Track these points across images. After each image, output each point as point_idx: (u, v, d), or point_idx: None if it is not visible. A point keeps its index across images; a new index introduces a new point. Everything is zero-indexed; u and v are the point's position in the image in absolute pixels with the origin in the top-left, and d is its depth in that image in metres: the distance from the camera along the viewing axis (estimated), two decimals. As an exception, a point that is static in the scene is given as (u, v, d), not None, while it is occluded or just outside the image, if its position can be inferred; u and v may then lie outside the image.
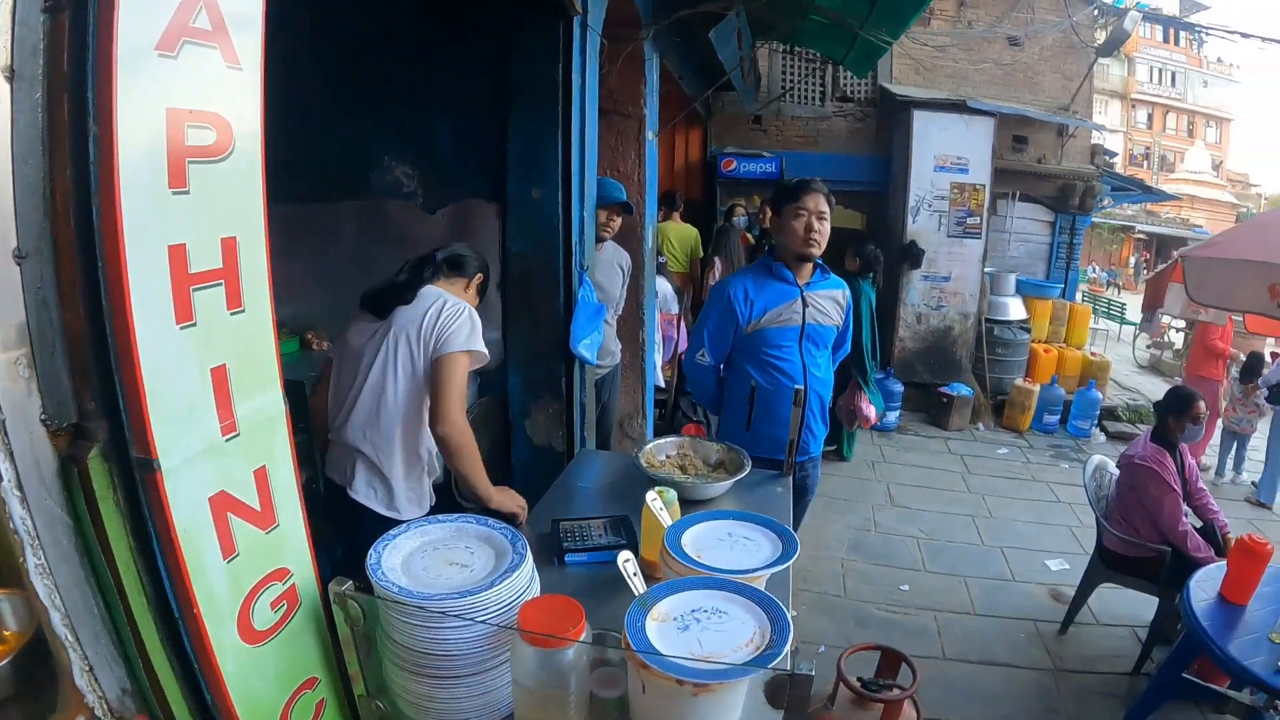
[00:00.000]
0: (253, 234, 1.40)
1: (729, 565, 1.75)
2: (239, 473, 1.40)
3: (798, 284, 3.25)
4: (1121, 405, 8.91)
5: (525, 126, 3.27)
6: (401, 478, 2.64)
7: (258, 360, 1.43)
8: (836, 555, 5.35)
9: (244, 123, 1.35)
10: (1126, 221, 30.20)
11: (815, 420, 3.43)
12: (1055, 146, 9.89)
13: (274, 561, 1.48)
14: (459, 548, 1.65)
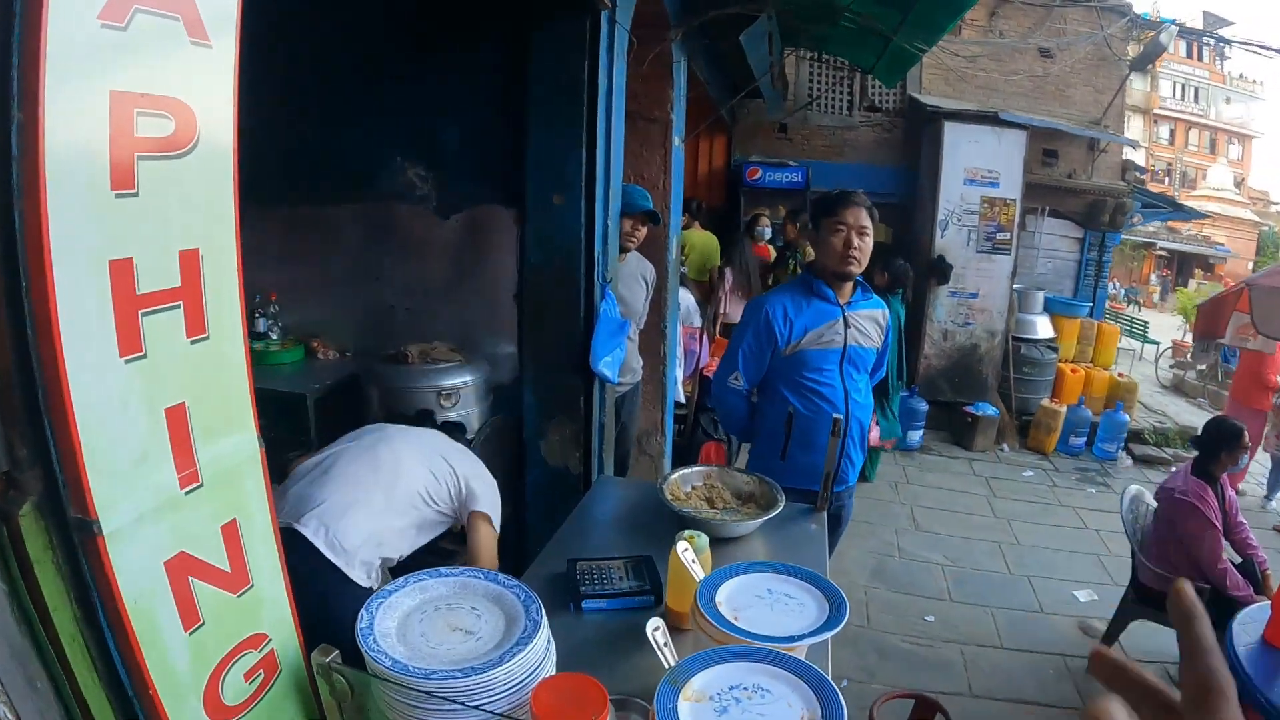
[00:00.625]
0: (220, 246, 1.18)
1: (771, 630, 1.54)
2: (202, 530, 1.18)
3: (839, 303, 3.05)
4: (1148, 428, 8.69)
5: (546, 128, 3.06)
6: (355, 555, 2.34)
7: (226, 396, 1.22)
8: (859, 582, 5.13)
9: (212, 111, 1.14)
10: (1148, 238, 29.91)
11: (855, 448, 3.22)
12: (1086, 161, 9.66)
13: (247, 627, 1.28)
14: (464, 609, 1.43)
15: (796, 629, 1.56)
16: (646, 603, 1.97)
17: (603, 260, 3.16)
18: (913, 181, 9.32)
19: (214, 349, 1.17)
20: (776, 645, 1.45)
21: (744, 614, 1.60)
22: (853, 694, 4.01)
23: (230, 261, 1.19)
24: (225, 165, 1.18)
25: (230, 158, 1.18)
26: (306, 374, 3.65)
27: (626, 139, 4.30)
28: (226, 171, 1.18)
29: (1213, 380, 12.40)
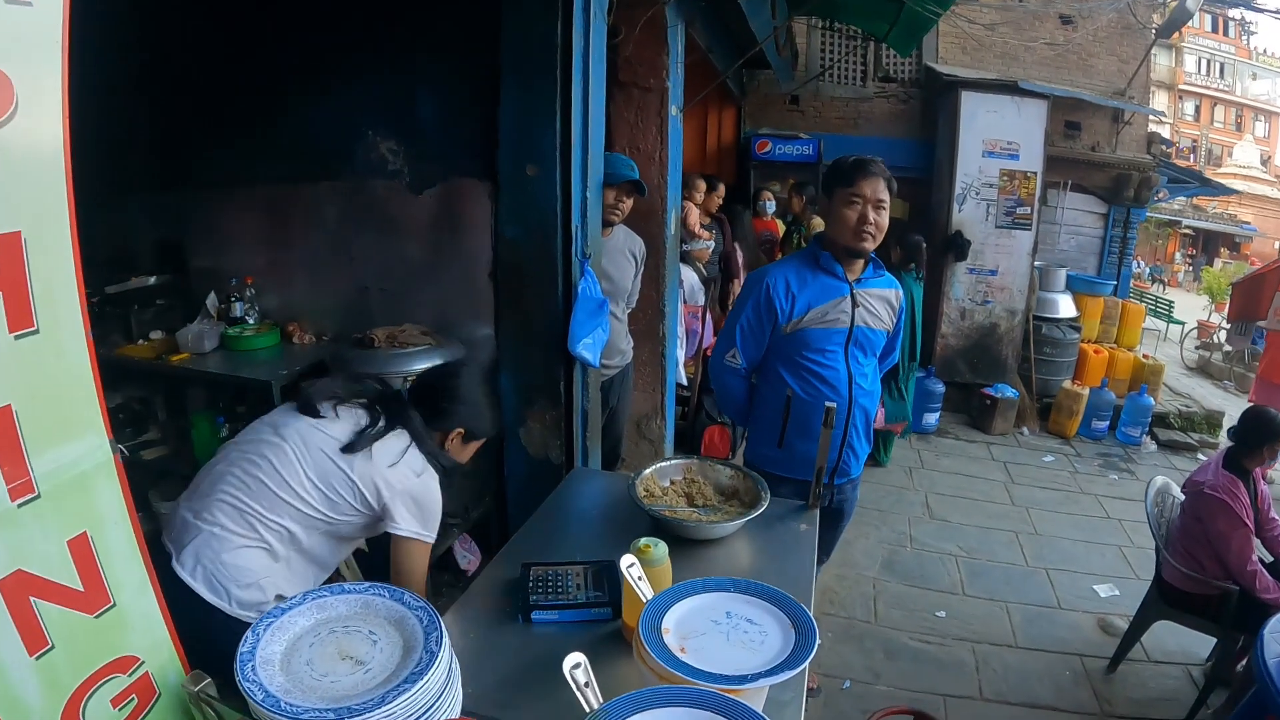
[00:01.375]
0: (49, 227, 1.03)
1: (721, 666, 1.32)
2: (43, 545, 1.05)
3: (847, 279, 2.81)
4: (1173, 412, 8.38)
5: (519, 95, 2.84)
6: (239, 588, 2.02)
7: (64, 397, 1.08)
8: (867, 574, 4.93)
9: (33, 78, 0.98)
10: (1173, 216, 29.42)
11: (859, 438, 3.00)
12: (1110, 134, 9.34)
13: (110, 650, 1.15)
14: (361, 633, 1.25)
15: (751, 665, 1.34)
16: (603, 615, 1.79)
17: (581, 235, 2.95)
18: (929, 154, 9.05)
19: (45, 344, 1.04)
20: (725, 687, 1.23)
21: (694, 643, 1.39)
22: (854, 696, 3.84)
23: (63, 246, 1.06)
24: (53, 138, 1.03)
25: (59, 128, 1.03)
26: (279, 360, 3.52)
27: (620, 109, 4.10)
28: (54, 145, 1.03)
29: (1239, 363, 12.10)
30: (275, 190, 3.71)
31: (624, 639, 1.71)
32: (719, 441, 5.83)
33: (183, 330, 3.52)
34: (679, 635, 1.40)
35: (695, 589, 1.53)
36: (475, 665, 1.61)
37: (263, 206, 3.77)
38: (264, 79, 3.52)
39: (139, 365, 3.52)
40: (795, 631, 1.44)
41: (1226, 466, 3.64)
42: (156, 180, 3.91)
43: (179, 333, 3.53)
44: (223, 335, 3.56)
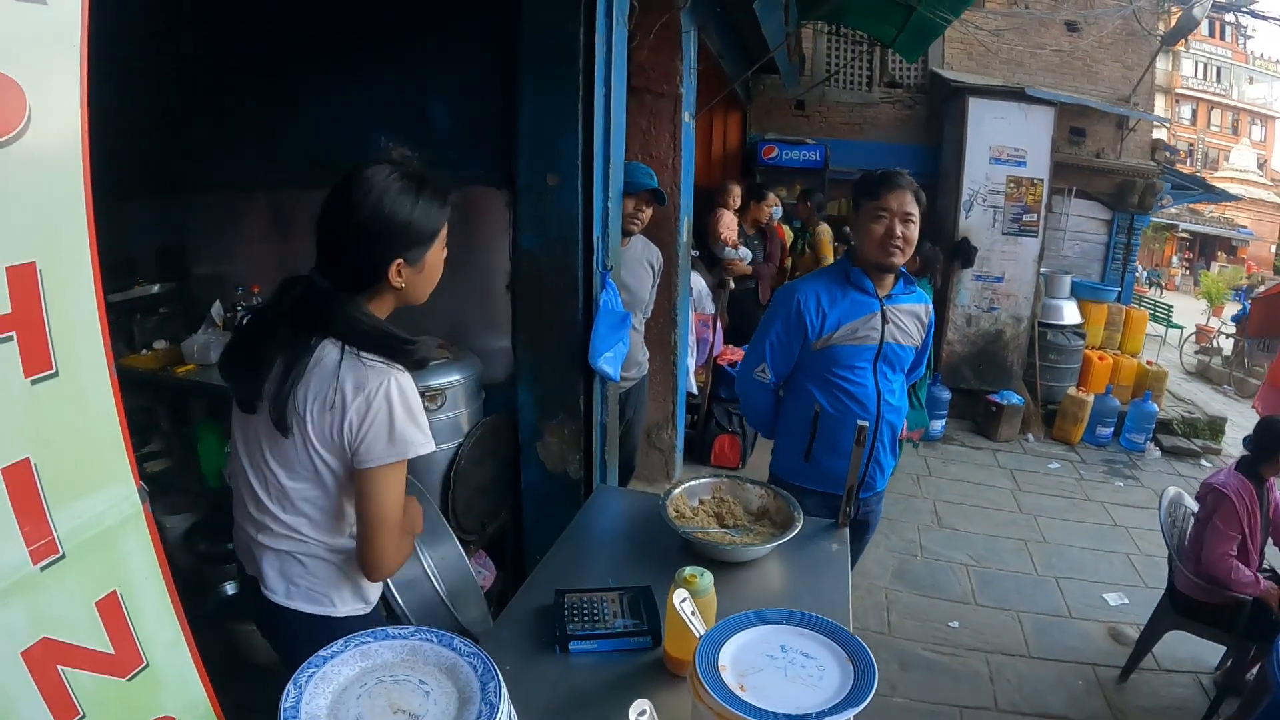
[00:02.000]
0: (69, 257, 0.94)
1: (784, 704, 1.27)
2: (69, 609, 0.97)
3: (878, 295, 2.75)
4: (1176, 418, 8.35)
5: (539, 101, 2.78)
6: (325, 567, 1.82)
7: (87, 445, 0.99)
8: (879, 585, 4.88)
9: (50, 90, 0.89)
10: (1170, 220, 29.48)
11: (885, 453, 2.93)
12: (1115, 140, 9.33)
13: (145, 712, 1.08)
14: (411, 682, 1.17)
15: (814, 703, 1.30)
16: (643, 644, 1.74)
17: (603, 246, 2.90)
18: (935, 161, 9.01)
19: (65, 388, 0.95)
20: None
21: (753, 679, 1.33)
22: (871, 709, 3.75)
23: (83, 277, 0.97)
24: (71, 156, 0.94)
25: (78, 146, 0.94)
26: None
27: (633, 115, 4.05)
28: (73, 164, 0.94)
29: (1238, 367, 12.10)
30: (282, 196, 3.62)
31: (665, 668, 1.66)
32: (729, 450, 5.79)
33: (188, 340, 3.45)
34: (736, 672, 1.35)
35: (748, 622, 1.48)
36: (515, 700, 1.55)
37: (269, 213, 3.69)
38: (271, 82, 3.47)
39: (142, 376, 3.44)
40: (853, 666, 1.40)
41: (1240, 470, 3.65)
42: (160, 185, 3.84)
43: (184, 343, 3.45)
44: (228, 345, 3.49)
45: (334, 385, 1.59)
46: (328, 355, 1.62)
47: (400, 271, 1.66)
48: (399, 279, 1.66)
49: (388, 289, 1.68)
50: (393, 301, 1.73)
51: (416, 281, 1.72)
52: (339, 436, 1.62)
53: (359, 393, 1.59)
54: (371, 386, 1.59)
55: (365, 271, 1.65)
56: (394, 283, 1.66)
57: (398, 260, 1.64)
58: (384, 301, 1.72)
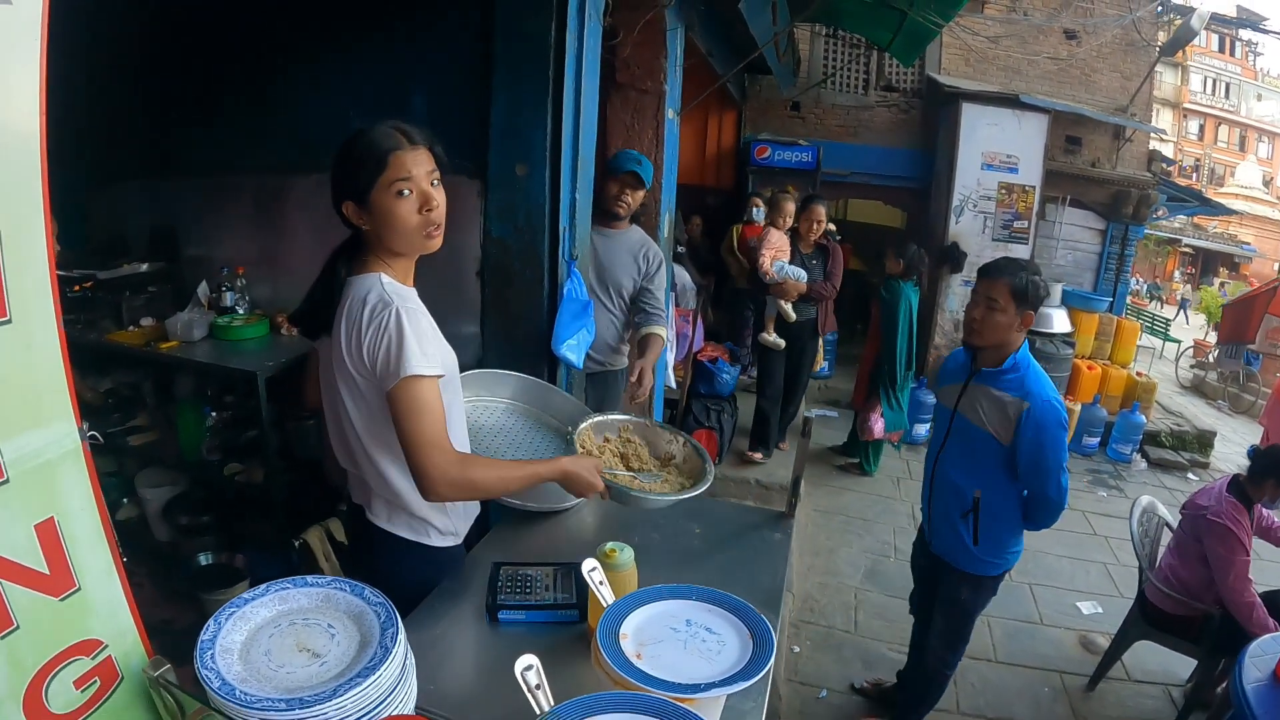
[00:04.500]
0: (24, 219, 1.05)
1: (676, 674, 1.32)
2: (9, 529, 1.08)
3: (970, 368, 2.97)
4: (1165, 430, 8.39)
5: (509, 92, 2.85)
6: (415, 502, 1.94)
7: (35, 385, 1.10)
8: (849, 584, 4.93)
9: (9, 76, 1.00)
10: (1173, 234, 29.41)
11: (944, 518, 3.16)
12: (1110, 150, 9.35)
13: (74, 633, 1.18)
14: (320, 626, 1.27)
15: (706, 674, 1.34)
16: (570, 618, 1.79)
17: (569, 236, 2.96)
18: (928, 165, 9.08)
19: (18, 334, 1.06)
20: (678, 695, 1.24)
21: (652, 649, 1.39)
22: (831, 706, 3.84)
23: (37, 238, 1.08)
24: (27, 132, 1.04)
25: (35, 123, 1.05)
26: (267, 350, 3.49)
27: (617, 111, 4.10)
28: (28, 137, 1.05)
29: (1234, 383, 12.11)
30: (266, 180, 3.68)
31: (589, 643, 1.72)
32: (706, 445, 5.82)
33: (172, 318, 3.51)
34: (636, 641, 1.41)
35: (657, 595, 1.54)
36: (438, 662, 1.62)
37: (254, 197, 3.75)
38: (258, 69, 3.52)
39: (128, 351, 3.50)
40: (754, 642, 1.44)
41: (1231, 492, 3.61)
42: (150, 167, 3.90)
43: (168, 320, 3.51)
44: (212, 324, 3.54)
45: (360, 308, 1.75)
46: (358, 285, 1.81)
47: (353, 211, 1.80)
48: (358, 219, 1.81)
49: (366, 235, 1.84)
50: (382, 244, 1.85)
51: (376, 224, 1.81)
52: (365, 356, 1.75)
53: (373, 314, 1.73)
54: (385, 311, 1.73)
55: (340, 215, 1.83)
56: (355, 222, 1.82)
57: (346, 202, 1.80)
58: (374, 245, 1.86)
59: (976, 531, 2.98)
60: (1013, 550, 3.06)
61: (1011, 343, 2.83)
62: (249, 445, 3.62)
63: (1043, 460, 2.77)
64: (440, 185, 1.85)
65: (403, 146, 1.77)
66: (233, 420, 3.68)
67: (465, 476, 1.75)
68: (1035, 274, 2.80)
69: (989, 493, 2.94)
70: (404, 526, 1.97)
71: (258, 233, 3.79)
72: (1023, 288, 2.73)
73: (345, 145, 1.81)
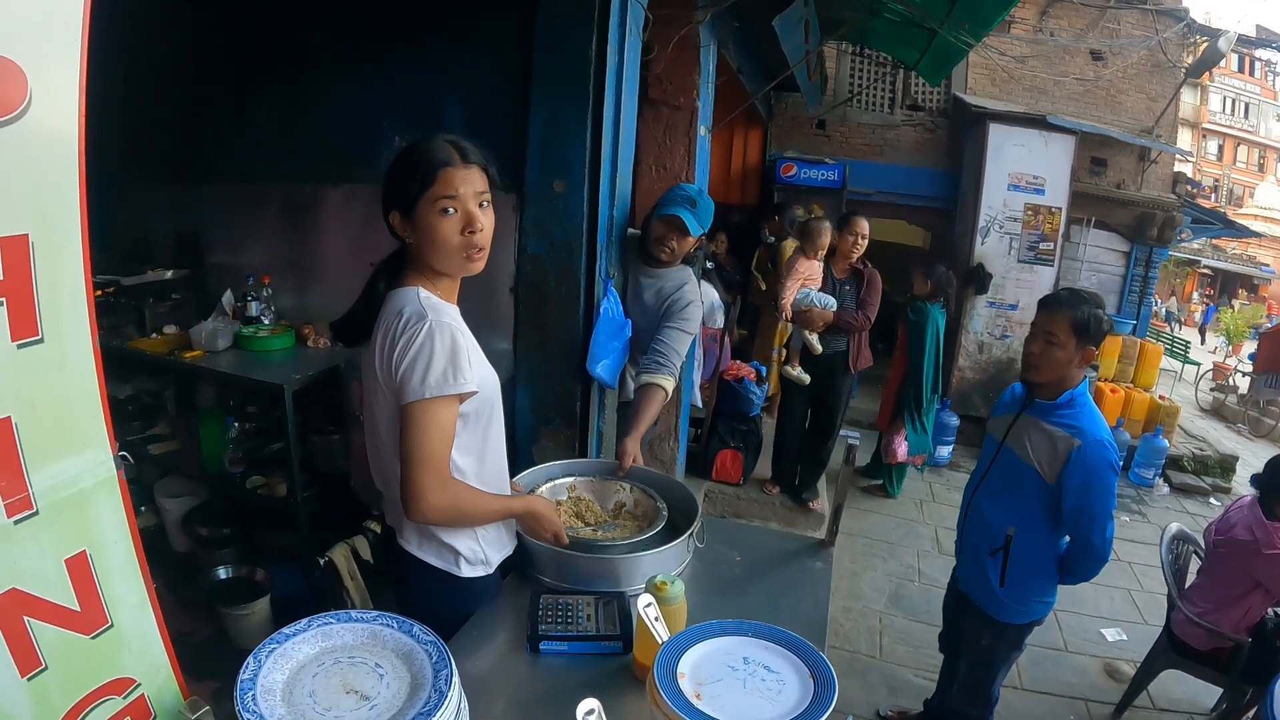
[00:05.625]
0: (59, 230, 0.98)
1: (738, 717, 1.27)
2: (38, 564, 1.01)
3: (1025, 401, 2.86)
4: (1187, 455, 8.28)
5: (549, 107, 2.81)
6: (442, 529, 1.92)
7: (68, 409, 1.03)
8: (874, 608, 4.86)
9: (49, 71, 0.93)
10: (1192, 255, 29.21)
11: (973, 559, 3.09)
12: (1135, 172, 9.28)
13: (106, 672, 1.11)
14: (367, 665, 1.21)
15: (769, 716, 1.29)
16: (614, 649, 1.74)
17: (606, 254, 2.92)
18: (954, 185, 9.03)
19: (50, 354, 0.99)
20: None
21: (710, 689, 1.34)
22: (859, 734, 3.79)
23: (72, 250, 1.00)
24: (66, 135, 0.98)
25: (74, 126, 0.98)
26: (292, 363, 3.46)
27: (649, 127, 4.06)
28: (69, 143, 0.98)
29: (1253, 407, 11.98)
30: (296, 190, 3.66)
31: (634, 675, 1.67)
32: (731, 465, 5.78)
33: (197, 327, 3.48)
34: (694, 680, 1.36)
35: (712, 631, 1.48)
36: (480, 695, 1.57)
37: (282, 206, 3.73)
38: (291, 78, 3.50)
39: (151, 359, 3.48)
40: (814, 682, 1.38)
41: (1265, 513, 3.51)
42: (177, 174, 3.89)
43: (193, 329, 3.48)
44: (236, 334, 3.51)
45: (397, 321, 1.73)
46: (398, 298, 1.79)
47: (398, 221, 1.78)
48: (403, 231, 1.79)
49: (409, 243, 1.81)
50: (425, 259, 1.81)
51: (419, 239, 1.78)
52: (391, 369, 1.72)
53: (406, 326, 1.71)
54: (419, 324, 1.70)
55: (388, 225, 1.81)
56: (400, 233, 1.80)
57: (394, 211, 1.78)
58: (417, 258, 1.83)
59: (1004, 572, 2.88)
60: (1041, 600, 2.91)
61: (1071, 378, 2.70)
62: (272, 457, 3.60)
63: (1089, 504, 2.64)
64: (489, 208, 1.80)
65: (454, 162, 1.73)
66: (256, 431, 3.65)
67: (452, 500, 1.75)
68: (1098, 307, 2.67)
69: (1023, 532, 2.83)
70: (433, 554, 1.94)
71: (285, 242, 3.76)
72: (1084, 322, 2.61)
73: (400, 154, 1.79)
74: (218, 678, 1.21)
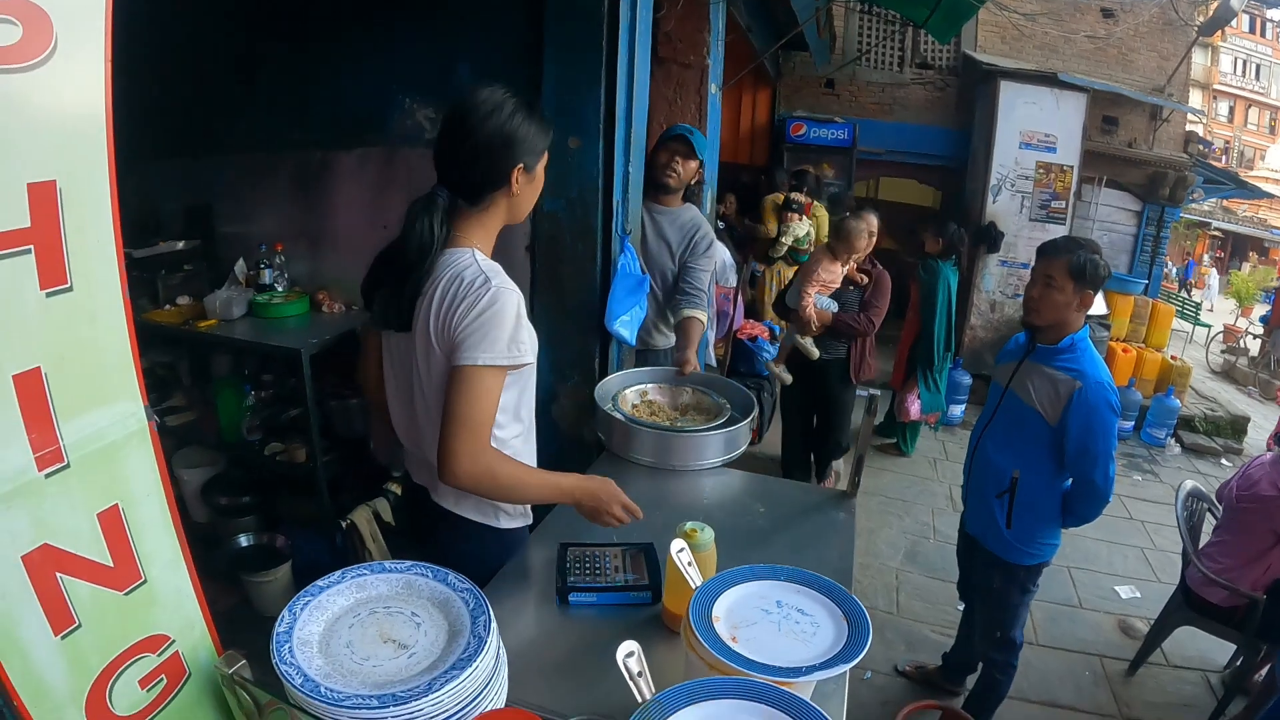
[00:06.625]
0: (88, 178, 0.96)
1: (774, 657, 1.27)
2: (71, 519, 0.99)
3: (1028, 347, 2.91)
4: (1199, 415, 8.24)
5: (562, 64, 2.78)
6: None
7: (98, 360, 1.01)
8: (890, 565, 4.88)
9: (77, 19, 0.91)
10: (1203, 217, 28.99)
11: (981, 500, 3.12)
12: (1147, 131, 9.19)
13: (140, 629, 1.09)
14: (403, 614, 1.20)
15: (805, 658, 1.29)
16: (643, 599, 1.75)
17: (622, 210, 2.90)
18: (964, 144, 8.94)
19: (79, 303, 0.97)
20: (778, 679, 1.18)
21: (745, 633, 1.34)
22: (875, 688, 3.79)
23: (101, 197, 0.99)
24: (93, 80, 0.95)
25: (101, 71, 0.96)
26: (307, 328, 3.45)
27: (660, 85, 4.02)
28: (96, 88, 0.96)
29: (1264, 368, 11.93)
30: (307, 156, 3.64)
31: (663, 624, 1.67)
32: (746, 426, 5.76)
33: (210, 296, 3.47)
34: (729, 624, 1.36)
35: (744, 576, 1.48)
36: (512, 649, 1.57)
37: (294, 172, 3.71)
38: (300, 46, 3.47)
39: (165, 330, 3.47)
40: (848, 624, 1.39)
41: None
42: (187, 144, 3.86)
43: (207, 299, 3.47)
44: (251, 302, 3.50)
45: (457, 283, 1.70)
46: (455, 259, 1.75)
47: (518, 178, 1.79)
48: (517, 185, 1.80)
49: (501, 199, 1.82)
50: (502, 215, 1.86)
51: (527, 192, 1.86)
52: (450, 330, 1.70)
53: (471, 291, 1.68)
54: (484, 288, 1.68)
55: (488, 179, 1.78)
56: (514, 188, 1.80)
57: (519, 165, 1.78)
58: (494, 215, 1.85)
59: (1010, 514, 2.93)
60: (1046, 542, 2.97)
61: (1070, 323, 2.75)
62: (290, 424, 3.60)
63: (1091, 444, 2.69)
64: None
65: None
66: (274, 399, 3.65)
67: (487, 468, 1.71)
68: (1095, 253, 2.71)
69: (1028, 475, 2.88)
70: (472, 509, 1.93)
71: (296, 209, 3.75)
72: (1080, 266, 2.66)
73: (519, 104, 1.78)
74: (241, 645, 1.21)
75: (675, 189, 3.42)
